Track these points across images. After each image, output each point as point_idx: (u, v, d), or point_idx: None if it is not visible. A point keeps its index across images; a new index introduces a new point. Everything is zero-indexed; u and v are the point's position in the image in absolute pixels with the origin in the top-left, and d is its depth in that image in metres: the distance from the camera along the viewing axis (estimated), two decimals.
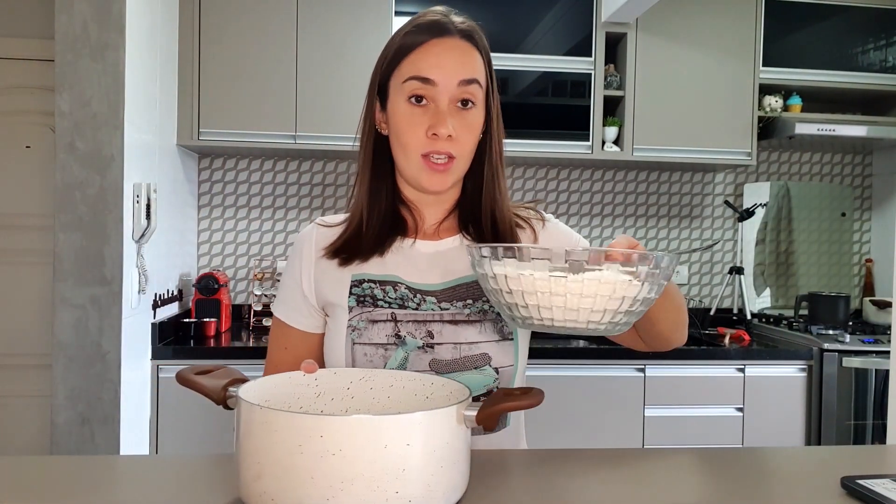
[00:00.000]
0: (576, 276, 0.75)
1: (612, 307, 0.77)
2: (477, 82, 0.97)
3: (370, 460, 0.63)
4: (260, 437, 0.65)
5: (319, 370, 0.86)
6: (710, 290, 3.26)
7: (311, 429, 0.63)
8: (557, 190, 3.18)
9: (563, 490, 0.79)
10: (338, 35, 2.65)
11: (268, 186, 3.04)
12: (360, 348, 0.99)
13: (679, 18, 2.83)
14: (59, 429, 2.06)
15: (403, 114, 0.97)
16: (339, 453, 0.62)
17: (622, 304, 0.77)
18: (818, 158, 3.33)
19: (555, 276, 0.75)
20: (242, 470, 0.67)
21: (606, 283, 0.75)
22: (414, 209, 1.04)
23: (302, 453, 0.63)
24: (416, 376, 0.85)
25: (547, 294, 0.76)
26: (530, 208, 1.11)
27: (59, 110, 2.05)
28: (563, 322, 0.77)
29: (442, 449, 0.67)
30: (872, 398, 2.62)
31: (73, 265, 2.05)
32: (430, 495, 0.66)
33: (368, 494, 0.63)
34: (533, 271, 0.76)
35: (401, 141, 0.97)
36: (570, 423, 2.52)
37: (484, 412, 0.70)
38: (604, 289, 0.76)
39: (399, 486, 0.64)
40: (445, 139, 0.95)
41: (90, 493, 0.76)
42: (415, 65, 0.96)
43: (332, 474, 0.62)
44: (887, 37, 2.97)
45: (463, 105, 0.97)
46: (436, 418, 0.67)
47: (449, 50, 0.96)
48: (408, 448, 0.64)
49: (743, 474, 0.86)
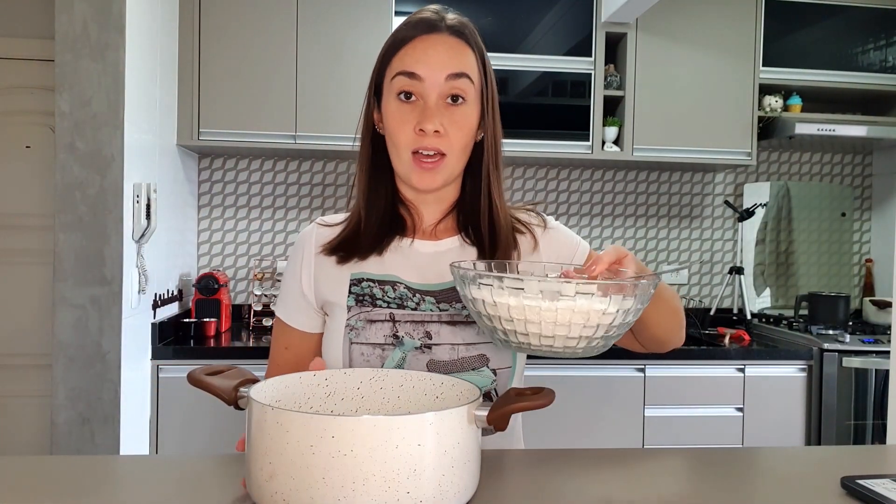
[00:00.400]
0: (549, 304, 0.76)
1: (587, 334, 0.79)
2: (466, 76, 0.97)
3: (382, 460, 0.63)
4: (272, 437, 0.65)
5: (330, 370, 0.86)
6: (710, 290, 3.26)
7: (323, 429, 0.63)
8: (557, 190, 3.18)
9: (563, 490, 0.79)
10: (338, 35, 2.65)
11: (268, 186, 3.04)
12: (358, 348, 0.99)
13: (679, 18, 2.83)
14: (59, 429, 2.06)
15: (393, 111, 0.97)
16: (350, 454, 0.63)
17: (597, 330, 0.79)
18: (818, 158, 3.33)
19: (529, 305, 0.77)
20: (254, 470, 0.67)
21: (580, 313, 0.77)
22: (412, 208, 1.04)
23: (314, 454, 0.63)
24: (426, 376, 0.85)
25: (522, 321, 0.78)
26: (531, 210, 1.11)
27: (59, 110, 2.05)
28: (539, 346, 0.79)
29: (453, 449, 0.67)
30: (872, 398, 2.62)
31: (73, 265, 2.05)
32: (442, 495, 0.66)
33: (381, 495, 0.63)
34: (509, 298, 0.78)
35: (392, 139, 0.98)
36: (570, 423, 2.52)
37: (496, 412, 0.70)
38: (577, 318, 0.77)
39: (411, 487, 0.64)
40: (432, 135, 0.94)
41: (90, 493, 0.76)
42: (402, 60, 0.96)
43: (345, 474, 0.63)
44: (887, 37, 2.97)
45: (453, 101, 0.96)
46: (447, 418, 0.67)
47: (436, 45, 0.96)
48: (419, 448, 0.65)
49: (743, 474, 0.86)
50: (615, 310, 0.78)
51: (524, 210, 1.11)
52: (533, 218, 1.09)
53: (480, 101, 1.00)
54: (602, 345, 0.81)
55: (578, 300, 0.76)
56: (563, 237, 1.09)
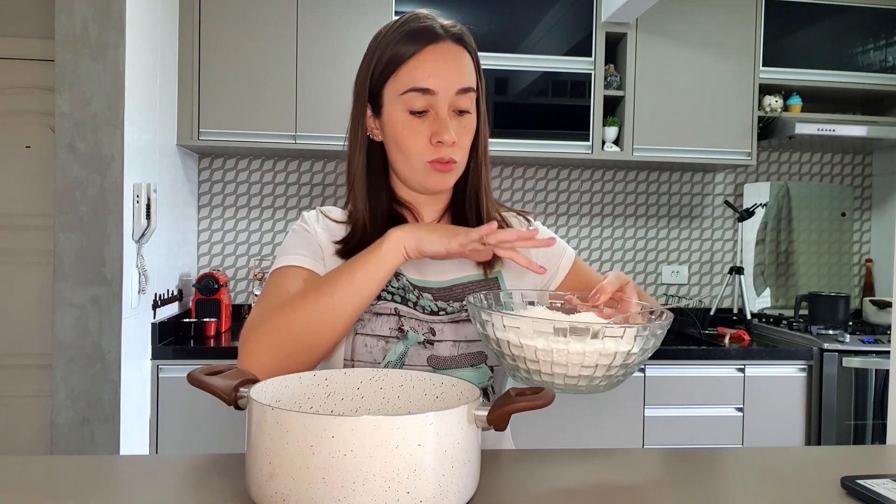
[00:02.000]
0: (578, 346, 0.78)
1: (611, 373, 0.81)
2: (473, 90, 0.99)
3: (382, 460, 0.63)
4: (272, 437, 0.65)
5: (330, 370, 0.86)
6: (710, 290, 3.26)
7: (323, 429, 0.63)
8: (557, 190, 3.18)
9: (563, 490, 0.79)
10: (338, 35, 2.65)
11: (268, 186, 3.04)
12: (362, 339, 0.99)
13: (679, 18, 2.83)
14: (59, 429, 2.06)
15: (404, 124, 0.97)
16: (350, 454, 0.63)
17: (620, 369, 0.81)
18: (818, 158, 3.33)
19: (557, 349, 0.78)
20: (254, 470, 0.67)
21: (606, 355, 0.79)
22: (413, 208, 1.06)
23: (314, 454, 0.63)
24: (426, 376, 0.85)
25: (549, 363, 0.80)
26: (521, 214, 1.13)
27: (59, 110, 2.05)
28: (564, 385, 0.81)
29: (453, 449, 0.67)
30: (872, 398, 2.62)
31: (73, 265, 2.05)
32: (442, 495, 0.67)
33: (381, 495, 0.63)
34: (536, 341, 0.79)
35: (403, 150, 0.98)
36: (570, 423, 2.52)
37: (496, 412, 0.70)
38: (604, 359, 0.79)
39: (411, 487, 0.64)
40: (450, 146, 0.97)
41: (90, 493, 0.76)
42: (411, 75, 0.96)
43: (345, 475, 0.63)
44: (887, 37, 2.97)
45: (459, 111, 0.99)
46: (447, 418, 0.67)
47: (443, 56, 0.97)
48: (419, 448, 0.65)
49: (743, 474, 0.86)
50: (639, 349, 0.80)
51: (513, 214, 1.13)
52: (521, 222, 1.12)
53: (478, 106, 1.03)
54: (622, 379, 0.84)
55: (606, 343, 0.78)
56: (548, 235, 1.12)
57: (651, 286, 3.24)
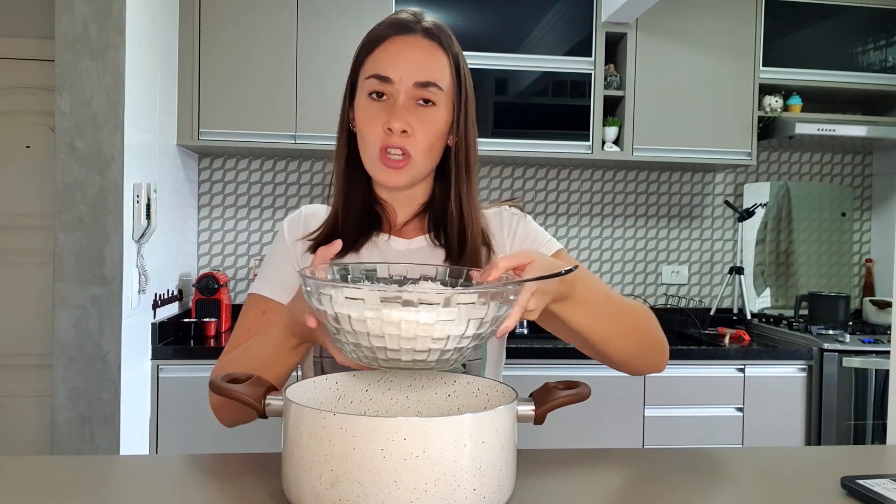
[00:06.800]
0: (391, 314, 0.69)
1: (437, 346, 0.71)
2: (435, 85, 0.96)
3: (453, 459, 0.64)
4: (333, 443, 0.64)
5: (339, 373, 0.85)
6: (710, 290, 3.26)
7: (394, 432, 0.63)
8: (557, 190, 3.18)
9: (562, 490, 0.79)
10: (338, 35, 2.65)
11: (268, 186, 3.04)
12: None
13: (679, 18, 2.82)
14: (59, 429, 2.06)
15: (364, 108, 0.98)
16: (423, 455, 0.63)
17: (448, 342, 0.71)
18: (818, 158, 3.33)
19: (370, 318, 0.69)
20: (311, 478, 0.66)
21: (424, 325, 0.69)
22: (387, 206, 1.06)
23: (384, 457, 0.63)
24: (434, 374, 0.85)
25: (365, 334, 0.71)
26: (510, 203, 1.11)
27: (59, 110, 2.05)
28: (386, 360, 0.72)
29: (508, 444, 0.69)
30: (872, 398, 2.62)
31: (73, 265, 2.05)
32: (500, 490, 0.68)
33: (451, 493, 0.64)
34: (350, 310, 0.70)
35: (361, 135, 0.99)
36: (570, 423, 2.51)
37: (543, 408, 0.74)
38: (422, 330, 0.69)
39: (476, 484, 0.65)
40: (399, 134, 0.95)
41: (90, 493, 0.76)
42: (375, 62, 0.97)
43: (417, 476, 0.63)
44: (887, 37, 2.97)
45: (424, 102, 0.97)
46: (504, 415, 0.68)
47: (407, 48, 0.96)
48: (483, 445, 0.66)
49: (743, 474, 0.86)
50: (466, 321, 0.70)
51: (506, 206, 1.10)
52: (505, 213, 1.09)
53: (452, 106, 0.99)
54: (457, 357, 0.74)
55: (422, 313, 0.68)
56: (532, 231, 1.09)
57: (651, 286, 3.24)
